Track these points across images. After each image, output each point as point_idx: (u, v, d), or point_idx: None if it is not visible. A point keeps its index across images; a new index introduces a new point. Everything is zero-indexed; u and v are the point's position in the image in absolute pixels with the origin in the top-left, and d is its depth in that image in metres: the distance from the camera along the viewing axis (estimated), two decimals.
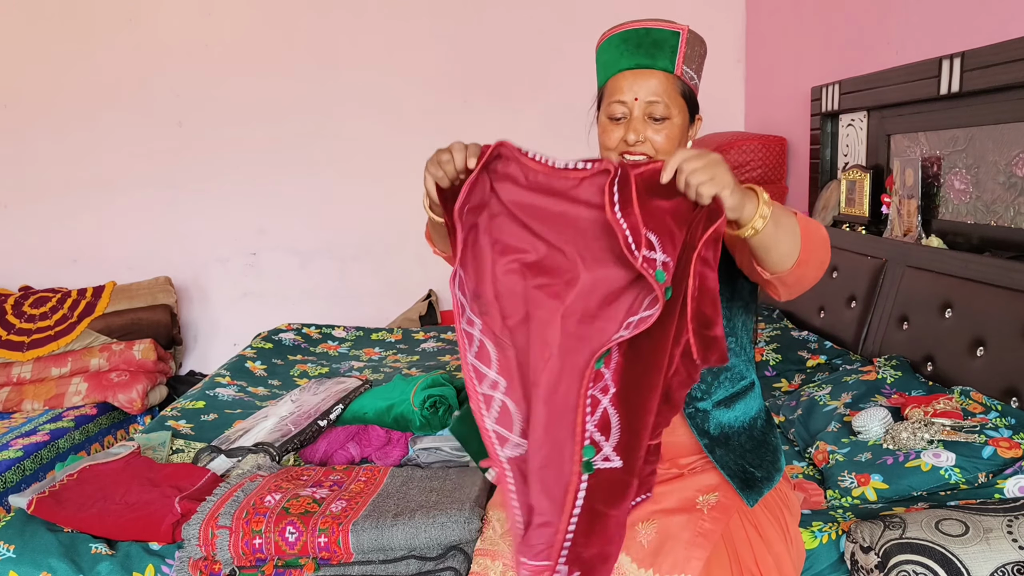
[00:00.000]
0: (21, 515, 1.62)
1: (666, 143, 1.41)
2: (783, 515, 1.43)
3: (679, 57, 1.41)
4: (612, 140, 1.43)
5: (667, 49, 1.40)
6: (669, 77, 1.41)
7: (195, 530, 1.48)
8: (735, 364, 1.44)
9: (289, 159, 3.86)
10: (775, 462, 1.45)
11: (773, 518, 1.41)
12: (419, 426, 2.07)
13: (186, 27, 3.74)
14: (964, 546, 1.28)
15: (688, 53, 1.42)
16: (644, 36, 1.42)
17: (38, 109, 3.73)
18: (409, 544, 1.48)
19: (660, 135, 1.40)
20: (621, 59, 1.43)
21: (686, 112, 1.44)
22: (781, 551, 1.38)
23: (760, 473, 1.41)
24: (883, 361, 2.15)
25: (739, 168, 3.48)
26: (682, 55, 1.41)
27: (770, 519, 1.40)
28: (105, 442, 3.08)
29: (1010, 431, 1.68)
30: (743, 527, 1.38)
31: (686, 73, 1.42)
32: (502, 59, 3.88)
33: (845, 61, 3.00)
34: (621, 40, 1.44)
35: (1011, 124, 2.15)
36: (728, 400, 1.44)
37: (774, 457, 1.45)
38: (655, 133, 1.40)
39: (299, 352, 3.09)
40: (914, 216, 2.45)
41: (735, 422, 1.44)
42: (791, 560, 1.40)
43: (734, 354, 1.44)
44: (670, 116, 1.40)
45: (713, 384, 1.42)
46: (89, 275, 3.76)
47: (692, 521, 1.34)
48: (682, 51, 1.41)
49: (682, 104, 1.42)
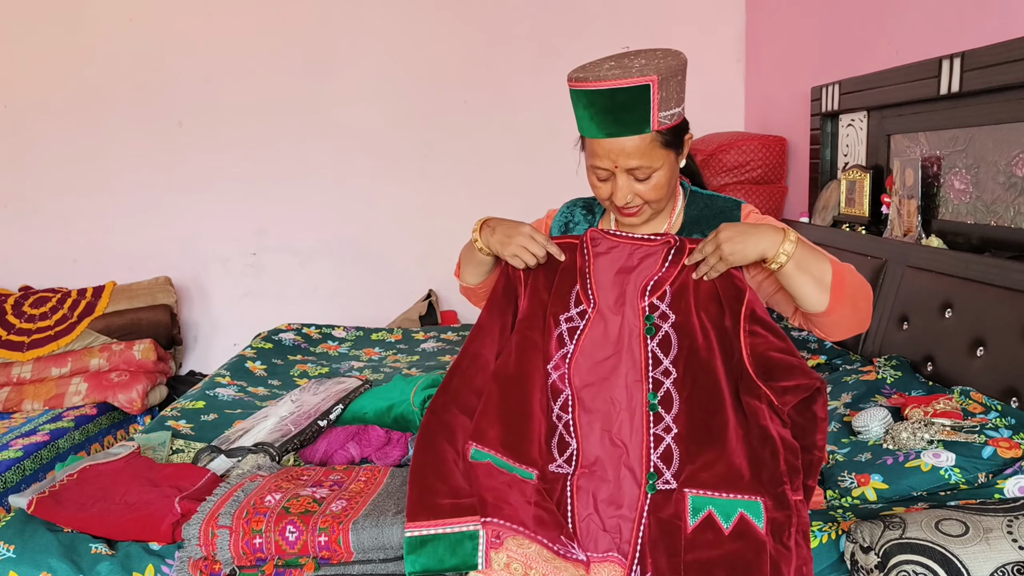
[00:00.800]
0: (21, 515, 1.62)
1: (655, 192, 1.44)
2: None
3: (653, 111, 1.35)
4: (603, 195, 1.47)
5: (638, 109, 1.34)
6: (646, 138, 1.37)
7: (195, 530, 1.48)
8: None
9: (289, 159, 3.86)
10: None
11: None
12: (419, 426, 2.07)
13: (186, 27, 3.74)
14: (964, 546, 1.28)
15: (663, 98, 1.34)
16: (610, 100, 1.34)
17: (38, 109, 3.73)
18: None
19: (647, 186, 1.43)
20: (592, 126, 1.39)
21: (672, 154, 1.43)
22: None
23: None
24: (883, 361, 2.15)
25: (739, 168, 3.48)
26: (656, 106, 1.34)
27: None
28: (105, 442, 3.08)
29: (1010, 431, 1.68)
30: None
31: (664, 120, 1.37)
32: (502, 59, 3.88)
33: (845, 61, 3.00)
34: (589, 103, 1.37)
35: (1011, 124, 2.15)
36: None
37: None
38: (643, 186, 1.43)
39: (299, 352, 3.09)
40: (914, 216, 2.45)
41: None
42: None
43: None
44: (654, 168, 1.41)
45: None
46: (89, 275, 3.76)
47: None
48: (655, 102, 1.34)
49: (665, 153, 1.41)
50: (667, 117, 1.37)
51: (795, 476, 1.33)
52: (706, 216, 1.50)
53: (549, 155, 3.93)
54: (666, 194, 1.46)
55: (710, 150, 3.50)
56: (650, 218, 1.50)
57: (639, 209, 1.46)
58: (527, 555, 1.33)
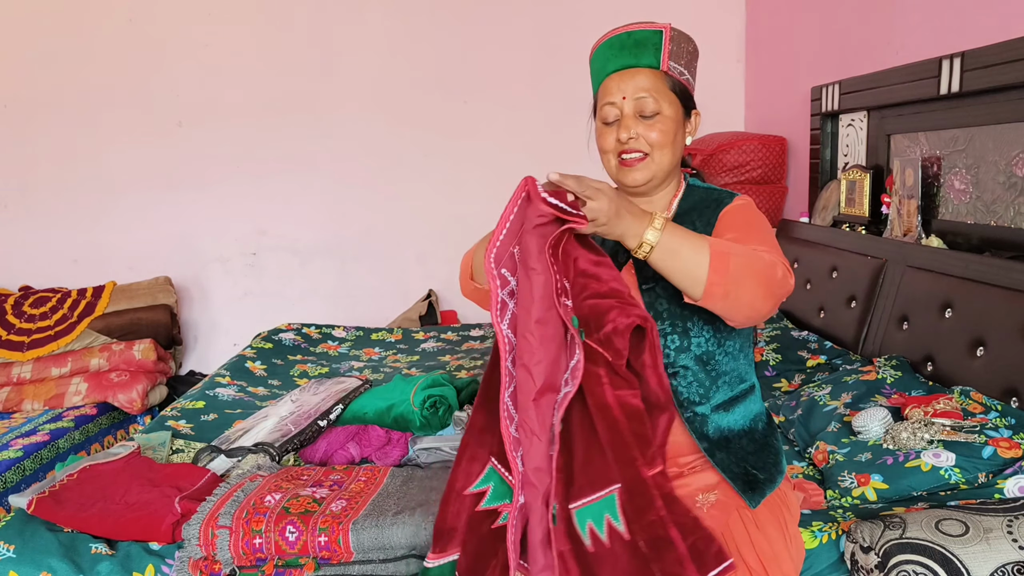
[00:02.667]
0: (21, 515, 1.62)
1: (660, 137, 1.42)
2: (782, 513, 1.44)
3: (664, 53, 1.43)
4: (608, 143, 1.45)
5: (650, 47, 1.44)
6: (655, 73, 1.43)
7: (195, 530, 1.48)
8: (735, 367, 1.44)
9: (289, 159, 3.86)
10: (777, 464, 1.46)
11: (772, 516, 1.42)
12: (419, 426, 2.07)
13: (186, 27, 3.74)
14: (964, 546, 1.28)
15: (674, 50, 1.44)
16: (627, 39, 1.45)
17: (38, 108, 3.73)
18: (409, 543, 1.48)
19: (653, 131, 1.42)
20: (608, 63, 1.46)
21: (679, 107, 1.45)
22: (780, 548, 1.40)
23: (763, 475, 1.41)
24: (883, 361, 2.15)
25: (739, 168, 3.48)
26: (667, 51, 1.43)
27: (769, 517, 1.41)
28: (105, 442, 3.08)
29: (1010, 431, 1.68)
30: (743, 524, 1.39)
31: (674, 68, 1.44)
32: (502, 59, 3.88)
33: (845, 61, 3.00)
34: (607, 47, 1.47)
35: (1011, 124, 2.15)
36: (727, 404, 1.44)
37: (776, 459, 1.46)
38: (647, 129, 1.42)
39: (299, 352, 3.09)
40: (914, 216, 2.45)
41: (735, 425, 1.44)
42: (791, 557, 1.41)
43: (733, 358, 1.44)
44: (660, 111, 1.42)
45: (711, 388, 1.42)
46: (89, 275, 3.76)
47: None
48: (667, 47, 1.43)
49: (673, 99, 1.44)
50: (677, 70, 1.44)
51: (645, 447, 1.19)
52: (698, 206, 1.48)
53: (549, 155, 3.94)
54: (673, 151, 1.44)
55: (710, 150, 3.50)
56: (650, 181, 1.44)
57: (642, 158, 1.43)
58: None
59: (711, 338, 1.41)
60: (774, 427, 1.52)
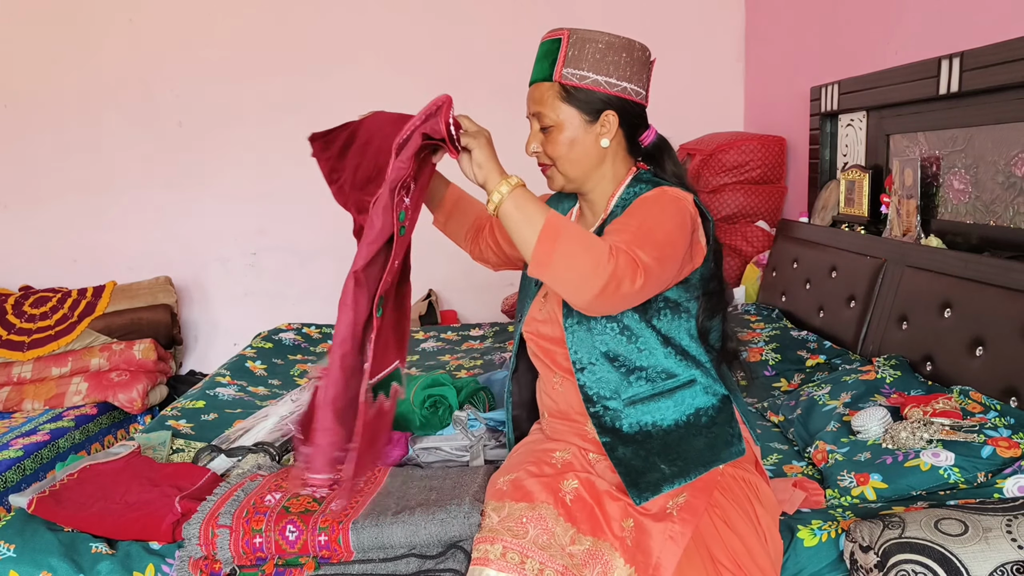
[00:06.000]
0: (21, 515, 1.62)
1: (554, 149, 1.47)
2: (752, 509, 1.44)
3: (559, 62, 1.44)
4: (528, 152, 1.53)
5: (548, 59, 1.46)
6: (549, 85, 1.46)
7: (195, 529, 1.48)
8: (656, 363, 1.45)
9: (289, 159, 3.85)
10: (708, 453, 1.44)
11: (742, 510, 1.43)
12: (419, 426, 2.07)
13: (186, 27, 3.75)
14: (963, 546, 1.28)
15: (573, 55, 1.44)
16: (539, 50, 1.50)
17: (38, 109, 3.73)
18: (409, 542, 1.48)
19: (549, 144, 1.48)
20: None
21: (578, 114, 1.46)
22: (753, 543, 1.40)
23: (671, 469, 1.41)
24: (882, 361, 2.15)
25: (738, 168, 3.48)
26: (563, 59, 1.44)
27: (740, 514, 1.42)
28: (105, 442, 3.08)
29: (1009, 431, 1.68)
30: (713, 524, 1.40)
31: (571, 76, 1.44)
32: (501, 59, 3.88)
33: (845, 61, 3.00)
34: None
35: (1010, 124, 2.15)
36: (648, 399, 1.46)
37: (708, 449, 1.44)
38: (546, 143, 1.48)
39: (299, 352, 3.09)
40: (913, 216, 2.46)
41: (662, 421, 1.45)
42: (764, 551, 1.41)
43: (650, 354, 1.45)
44: (554, 123, 1.46)
45: (622, 383, 1.45)
46: (89, 275, 3.77)
47: (662, 525, 1.37)
48: (563, 54, 1.44)
49: (567, 108, 1.45)
50: (574, 75, 1.44)
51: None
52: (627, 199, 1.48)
53: None
54: (573, 160, 1.47)
55: (709, 150, 3.50)
56: (565, 186, 1.53)
57: (548, 167, 1.51)
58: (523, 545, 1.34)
59: (617, 335, 1.44)
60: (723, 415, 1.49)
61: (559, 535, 1.36)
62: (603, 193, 1.53)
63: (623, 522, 1.38)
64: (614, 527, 1.37)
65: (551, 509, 1.38)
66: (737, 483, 1.46)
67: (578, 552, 1.35)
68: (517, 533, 1.35)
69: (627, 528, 1.37)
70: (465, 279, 3.94)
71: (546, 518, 1.36)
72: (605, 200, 1.53)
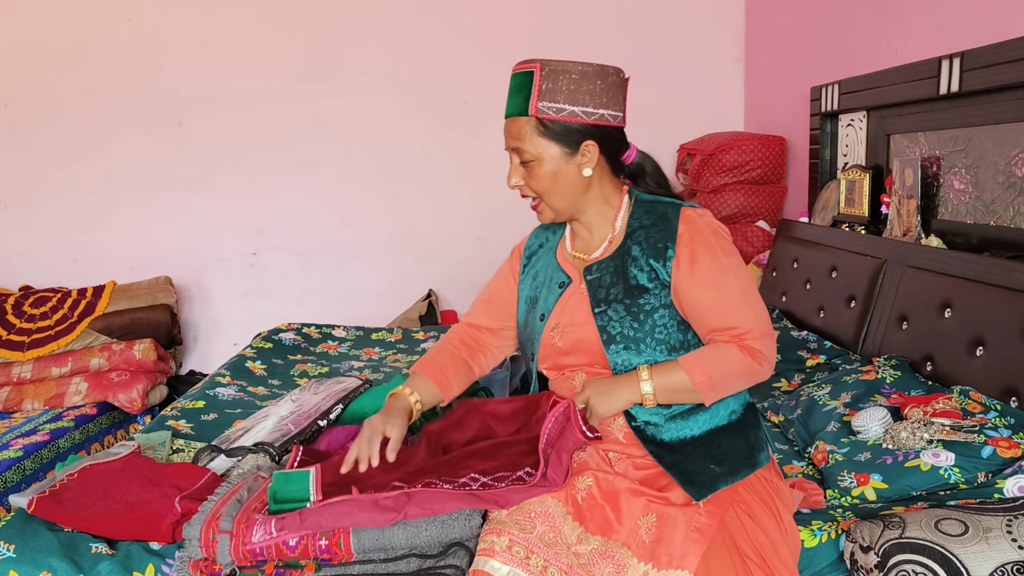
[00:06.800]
0: (21, 515, 1.62)
1: (539, 184, 1.49)
2: (776, 505, 1.47)
3: (534, 96, 1.44)
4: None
5: (522, 92, 1.46)
6: (524, 120, 1.46)
7: (196, 531, 1.48)
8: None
9: (289, 159, 3.86)
10: (749, 456, 1.49)
11: (766, 507, 1.45)
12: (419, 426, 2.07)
13: (186, 27, 3.75)
14: (963, 546, 1.28)
15: (547, 88, 1.43)
16: (512, 82, 1.49)
17: (38, 108, 3.73)
18: (410, 543, 1.47)
19: (532, 178, 1.49)
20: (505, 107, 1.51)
21: (558, 147, 1.46)
22: (777, 538, 1.42)
23: (722, 468, 1.45)
24: (883, 361, 2.15)
25: (739, 168, 3.48)
26: (537, 92, 1.44)
27: (763, 508, 1.44)
28: (105, 442, 3.08)
29: (1009, 431, 1.68)
30: (738, 517, 1.41)
31: (547, 109, 1.44)
32: (502, 59, 3.87)
33: (845, 61, 3.00)
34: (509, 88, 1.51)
35: (1010, 124, 2.15)
36: (686, 414, 1.49)
37: (749, 452, 1.49)
38: (529, 177, 1.49)
39: (299, 352, 3.09)
40: (914, 216, 2.45)
41: (697, 431, 1.49)
42: (787, 546, 1.43)
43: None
44: (535, 158, 1.46)
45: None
46: (89, 275, 3.77)
47: (688, 516, 1.38)
48: (536, 88, 1.44)
49: (547, 143, 1.46)
50: (550, 109, 1.44)
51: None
52: (646, 224, 1.52)
53: None
54: (559, 193, 1.49)
55: (710, 150, 3.50)
56: (557, 217, 1.54)
57: (537, 203, 1.53)
58: (529, 540, 1.34)
59: (666, 358, 1.47)
60: (753, 422, 1.55)
61: (566, 534, 1.37)
62: (601, 215, 1.55)
63: (642, 518, 1.38)
64: (627, 525, 1.38)
65: (560, 507, 1.39)
66: (760, 481, 1.48)
67: (585, 552, 1.35)
68: (524, 527, 1.35)
69: (645, 524, 1.37)
70: (465, 279, 3.94)
71: (554, 515, 1.37)
72: (607, 222, 1.55)
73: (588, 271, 1.54)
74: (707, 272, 1.44)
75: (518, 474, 1.44)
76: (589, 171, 1.48)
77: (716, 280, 1.44)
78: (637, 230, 1.51)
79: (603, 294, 1.50)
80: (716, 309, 1.44)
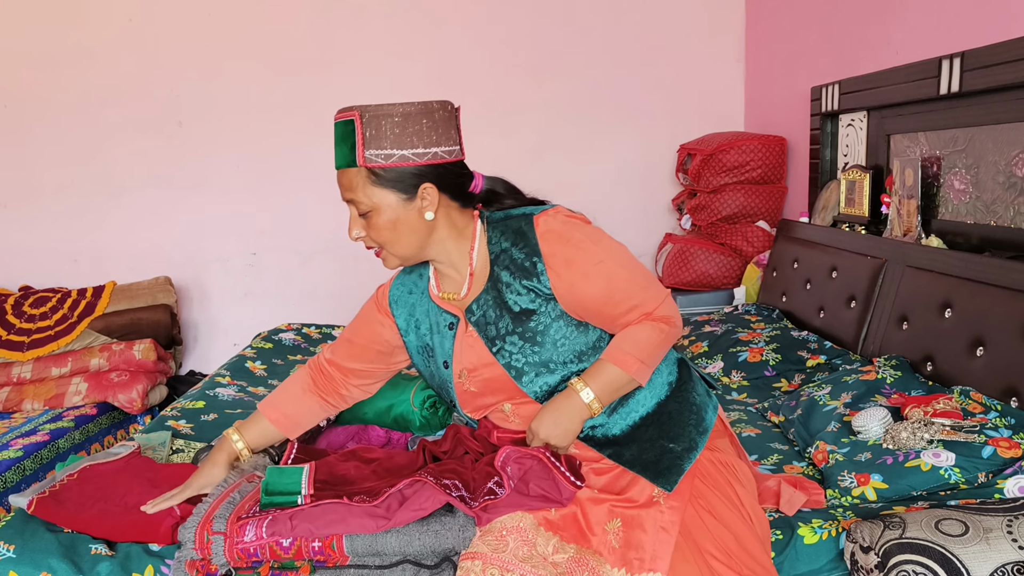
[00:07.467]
0: (21, 515, 1.62)
1: (378, 234, 1.44)
2: (733, 492, 1.45)
3: (359, 145, 1.37)
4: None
5: (347, 143, 1.39)
6: (355, 171, 1.40)
7: (191, 533, 1.48)
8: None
9: (289, 159, 3.86)
10: (699, 424, 1.48)
11: (725, 498, 1.43)
12: (419, 426, 2.07)
13: (186, 27, 3.74)
14: (964, 546, 1.28)
15: (371, 135, 1.37)
16: (336, 131, 1.42)
17: (38, 109, 3.73)
18: (403, 551, 1.47)
19: (371, 229, 1.43)
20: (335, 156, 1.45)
21: (394, 195, 1.41)
22: (741, 530, 1.41)
23: (680, 446, 1.44)
24: (883, 361, 2.15)
25: (739, 168, 3.48)
26: (361, 140, 1.37)
27: (723, 500, 1.43)
28: (105, 442, 3.08)
29: (1010, 431, 1.68)
30: (698, 515, 1.40)
31: (374, 158, 1.38)
32: (501, 60, 3.88)
33: (845, 61, 3.00)
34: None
35: (1011, 124, 2.15)
36: (624, 399, 1.49)
37: (697, 418, 1.49)
38: (368, 227, 1.44)
39: (299, 352, 3.09)
40: (914, 216, 2.45)
41: (644, 410, 1.49)
42: (754, 535, 1.42)
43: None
44: (372, 208, 1.41)
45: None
46: (89, 275, 3.76)
47: (652, 516, 1.37)
48: (360, 137, 1.37)
49: (380, 191, 1.40)
50: (378, 156, 1.37)
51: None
52: (506, 247, 1.47)
53: (547, 156, 3.94)
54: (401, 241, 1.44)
55: (710, 150, 3.50)
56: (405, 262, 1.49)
57: (379, 251, 1.48)
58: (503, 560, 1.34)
59: (576, 371, 1.47)
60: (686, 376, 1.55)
61: (540, 545, 1.36)
62: (455, 251, 1.50)
63: (608, 524, 1.38)
64: (597, 532, 1.37)
65: (530, 519, 1.38)
66: (715, 467, 1.47)
67: (563, 561, 1.35)
68: (497, 547, 1.35)
69: (612, 530, 1.37)
70: None
71: (526, 529, 1.37)
72: (464, 256, 1.50)
73: (469, 312, 1.50)
74: (586, 269, 1.41)
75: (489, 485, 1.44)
76: (431, 214, 1.43)
77: (598, 272, 1.41)
78: (500, 255, 1.47)
79: (493, 331, 1.46)
80: (610, 299, 1.42)
